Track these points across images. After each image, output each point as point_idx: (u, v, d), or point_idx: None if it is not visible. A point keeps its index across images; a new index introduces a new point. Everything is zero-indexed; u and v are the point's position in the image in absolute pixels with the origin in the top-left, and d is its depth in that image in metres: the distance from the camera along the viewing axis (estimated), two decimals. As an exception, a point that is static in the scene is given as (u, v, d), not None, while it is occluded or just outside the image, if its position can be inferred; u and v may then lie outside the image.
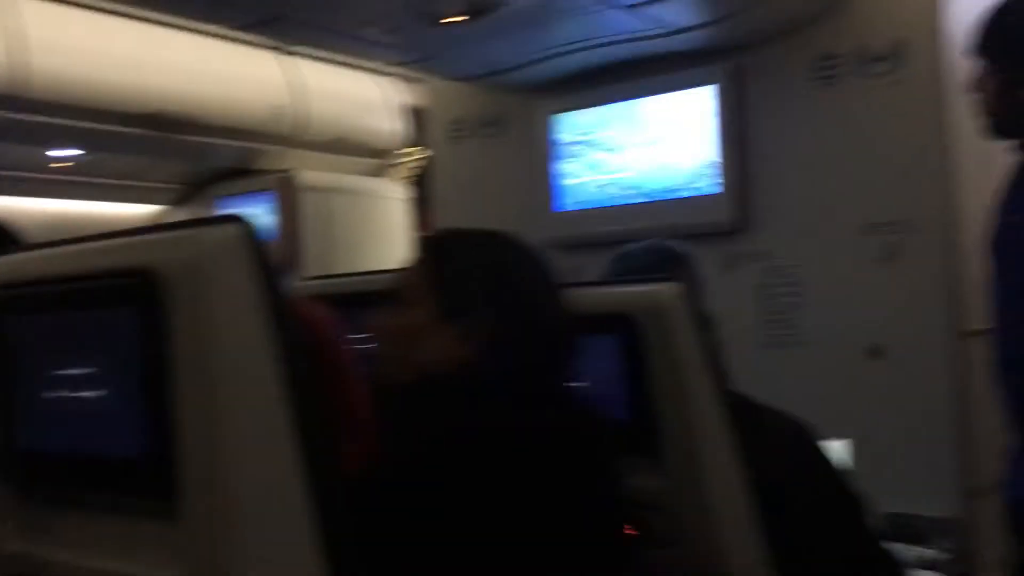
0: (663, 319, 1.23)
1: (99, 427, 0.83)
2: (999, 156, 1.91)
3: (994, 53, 1.80)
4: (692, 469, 1.26)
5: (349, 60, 3.99)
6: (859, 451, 2.21)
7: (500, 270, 1.17)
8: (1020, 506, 1.80)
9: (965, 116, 1.95)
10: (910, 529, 2.48)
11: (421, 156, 4.24)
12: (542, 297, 1.17)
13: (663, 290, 1.24)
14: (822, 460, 1.47)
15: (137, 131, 3.49)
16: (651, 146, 3.04)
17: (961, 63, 1.99)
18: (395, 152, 4.51)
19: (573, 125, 3.23)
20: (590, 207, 3.20)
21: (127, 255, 0.80)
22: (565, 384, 1.18)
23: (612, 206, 3.14)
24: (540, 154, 3.29)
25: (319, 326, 0.98)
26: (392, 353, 1.17)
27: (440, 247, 1.23)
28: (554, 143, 3.26)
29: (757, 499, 1.29)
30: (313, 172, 4.16)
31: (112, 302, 0.81)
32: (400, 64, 3.22)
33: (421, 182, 4.25)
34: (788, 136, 2.82)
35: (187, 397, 0.75)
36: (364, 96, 4.29)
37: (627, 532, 1.21)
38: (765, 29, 2.77)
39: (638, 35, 2.73)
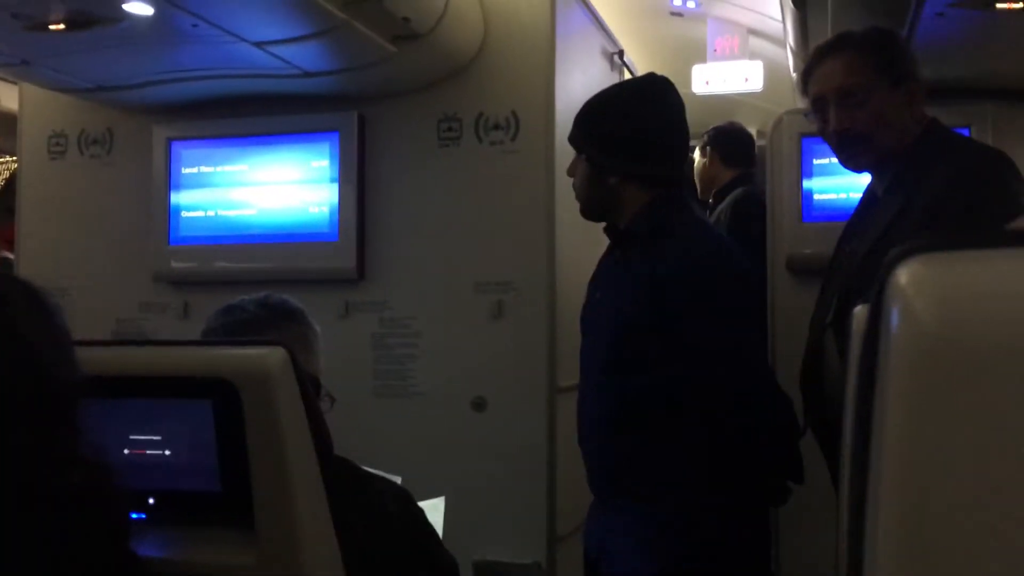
0: (265, 386, 1.16)
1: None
2: (598, 233, 2.10)
3: (582, 143, 1.98)
4: (288, 543, 1.20)
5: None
6: (459, 500, 2.28)
7: None
8: (597, 557, 1.97)
9: (570, 191, 2.11)
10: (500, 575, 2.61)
11: (10, 166, 3.76)
12: (44, 349, 1.01)
13: (268, 355, 1.17)
14: (422, 528, 1.48)
15: None
16: (275, 186, 2.95)
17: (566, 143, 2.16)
18: (-20, 159, 3.95)
19: (195, 155, 3.04)
20: (207, 243, 3.03)
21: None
22: (78, 449, 1.05)
23: (230, 244, 3.00)
24: (156, 181, 3.06)
25: None
26: None
27: None
28: (173, 171, 3.05)
29: (356, 571, 1.26)
30: None
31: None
32: (-9, 65, 2.82)
33: (9, 195, 3.75)
34: (410, 190, 2.89)
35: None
36: (-56, 91, 3.72)
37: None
38: (393, 84, 2.83)
39: (267, 72, 2.64)
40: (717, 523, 1.76)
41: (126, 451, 1.22)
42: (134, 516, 1.17)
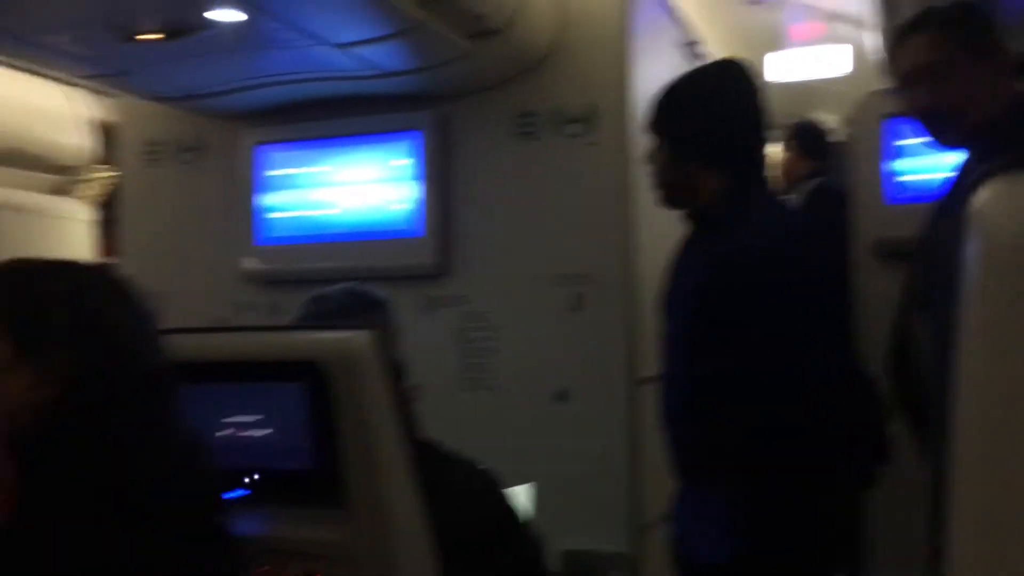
0: (353, 368, 1.21)
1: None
2: (675, 222, 2.09)
3: (661, 130, 1.98)
4: (377, 520, 1.24)
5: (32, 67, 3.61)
6: (543, 490, 2.31)
7: (84, 305, 1.03)
8: (679, 540, 1.97)
9: (647, 182, 2.12)
10: (586, 565, 2.63)
11: (111, 176, 3.93)
12: (131, 338, 1.05)
13: (353, 338, 1.22)
14: (507, 510, 1.50)
15: None
16: (357, 185, 3.02)
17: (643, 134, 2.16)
18: (82, 169, 4.14)
19: (280, 158, 3.14)
20: (293, 243, 3.12)
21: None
22: (171, 432, 1.10)
23: (316, 243, 3.08)
24: (243, 185, 3.17)
25: None
26: None
27: (14, 275, 1.06)
28: (259, 174, 3.15)
29: (442, 549, 1.29)
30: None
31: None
32: (90, 77, 2.97)
33: (109, 204, 3.93)
34: (490, 186, 2.93)
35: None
36: (47, 106, 3.90)
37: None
38: (470, 81, 2.87)
39: (347, 74, 2.71)
40: (792, 507, 1.74)
41: (221, 433, 1.28)
42: (235, 494, 1.23)
